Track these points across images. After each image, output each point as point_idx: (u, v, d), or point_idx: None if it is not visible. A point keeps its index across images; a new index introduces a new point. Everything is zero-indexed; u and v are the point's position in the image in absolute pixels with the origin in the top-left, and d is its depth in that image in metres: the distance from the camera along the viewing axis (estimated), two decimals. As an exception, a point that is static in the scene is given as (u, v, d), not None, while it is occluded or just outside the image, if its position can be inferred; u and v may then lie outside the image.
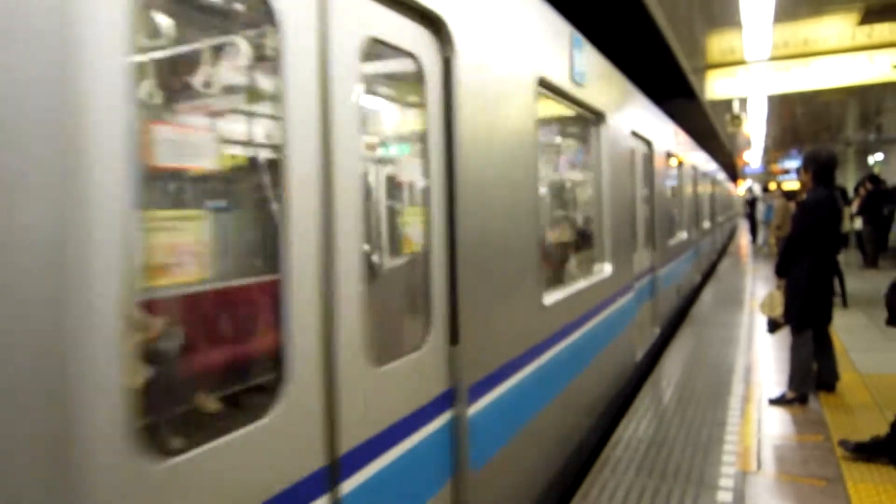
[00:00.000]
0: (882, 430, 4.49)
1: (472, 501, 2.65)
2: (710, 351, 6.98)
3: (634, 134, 6.43)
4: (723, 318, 8.80)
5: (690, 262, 10.67)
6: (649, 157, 7.36)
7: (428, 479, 2.45)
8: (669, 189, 8.91)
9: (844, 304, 8.77)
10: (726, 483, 3.73)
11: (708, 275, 13.66)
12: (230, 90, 2.28)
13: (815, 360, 5.09)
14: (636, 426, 4.71)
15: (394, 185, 3.04)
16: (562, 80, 4.06)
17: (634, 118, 6.43)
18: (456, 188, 2.63)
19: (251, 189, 2.50)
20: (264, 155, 2.40)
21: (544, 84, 3.75)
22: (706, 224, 14.06)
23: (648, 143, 7.25)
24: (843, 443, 4.06)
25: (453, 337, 2.62)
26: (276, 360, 1.76)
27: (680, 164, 9.80)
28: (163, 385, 1.92)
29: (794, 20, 9.08)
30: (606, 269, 5.12)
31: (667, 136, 8.63)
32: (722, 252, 19.50)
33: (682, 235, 9.89)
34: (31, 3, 1.24)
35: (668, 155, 8.63)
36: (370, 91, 2.52)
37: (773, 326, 4.73)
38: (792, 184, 22.75)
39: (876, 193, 12.60)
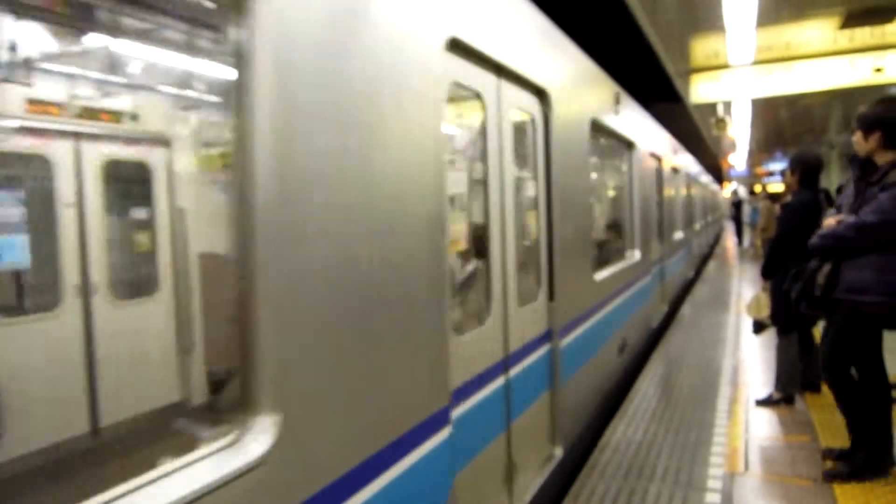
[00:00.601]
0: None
1: (562, 403, 4.01)
2: (698, 352, 7.01)
3: (652, 154, 8.39)
4: (710, 320, 8.86)
5: (687, 256, 13.06)
6: (660, 171, 9.25)
7: (541, 384, 3.80)
8: (671, 194, 10.79)
9: None
10: (714, 484, 3.74)
11: (699, 270, 15.35)
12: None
13: (800, 361, 5.12)
14: (624, 429, 4.72)
15: (523, 196, 3.88)
16: (608, 121, 5.66)
17: (652, 142, 8.41)
18: (552, 198, 3.94)
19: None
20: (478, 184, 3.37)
21: (595, 125, 5.17)
22: (698, 224, 16.56)
23: (659, 160, 9.14)
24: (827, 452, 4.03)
25: (551, 295, 3.95)
26: (487, 300, 3.14)
27: (678, 172, 11.71)
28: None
29: (776, 24, 9.17)
30: (637, 254, 7.18)
31: (672, 152, 10.93)
32: (710, 252, 19.70)
33: (680, 234, 11.99)
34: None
35: (673, 168, 10.92)
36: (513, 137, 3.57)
37: (759, 328, 4.76)
38: (777, 186, 22.98)
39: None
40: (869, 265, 3.52)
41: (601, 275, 5.28)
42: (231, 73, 1.64)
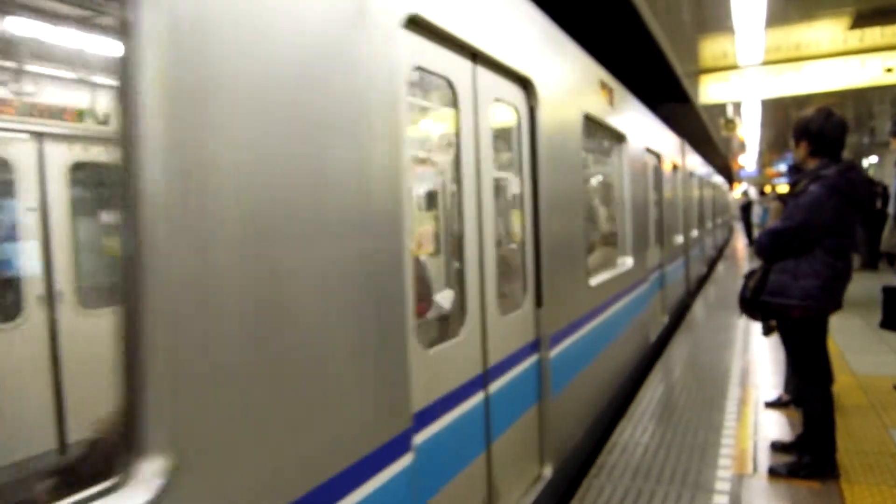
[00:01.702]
0: (876, 431, 4.50)
1: (552, 418, 3.72)
2: (706, 354, 6.99)
3: (648, 150, 7.53)
4: (718, 322, 8.82)
5: (691, 261, 12.16)
6: (658, 169, 8.52)
7: (528, 398, 3.53)
8: (676, 194, 10.07)
9: (839, 306, 8.77)
10: (722, 486, 3.74)
11: (704, 276, 14.51)
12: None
13: None
14: (632, 430, 4.72)
15: (505, 195, 3.75)
16: (599, 114, 5.18)
17: (647, 137, 7.45)
18: (539, 197, 3.62)
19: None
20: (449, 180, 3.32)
21: (588, 118, 4.82)
22: (704, 226, 15.31)
23: (658, 157, 8.44)
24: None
25: (539, 301, 3.64)
26: (461, 308, 2.89)
27: (680, 171, 10.79)
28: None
29: (785, 25, 9.14)
30: (629, 261, 6.38)
31: (673, 149, 9.88)
32: (718, 256, 19.56)
33: (694, 233, 12.07)
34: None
35: (674, 166, 9.97)
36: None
37: (768, 330, 4.73)
38: (785, 187, 22.81)
39: (869, 195, 12.62)
40: (787, 270, 3.68)
41: (598, 279, 4.96)
42: (117, 46, 1.34)
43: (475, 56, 2.94)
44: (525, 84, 3.51)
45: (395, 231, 2.13)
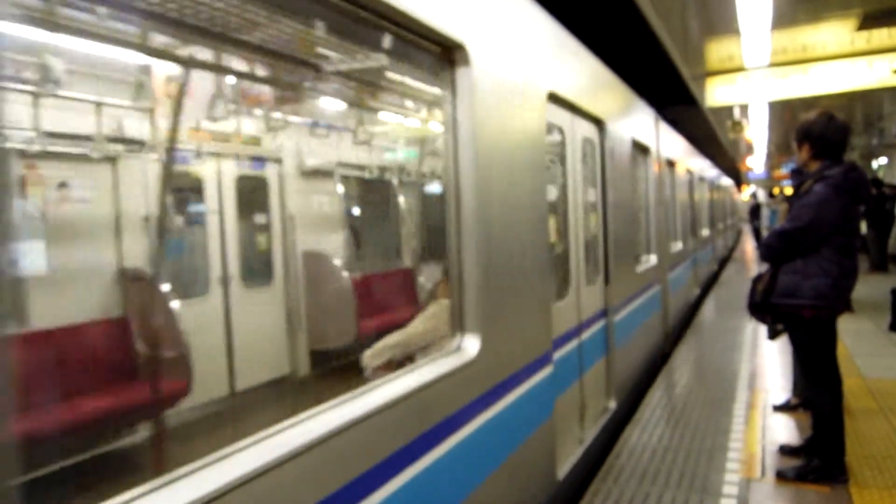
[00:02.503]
0: (886, 434, 4.48)
1: (615, 366, 5.04)
2: (715, 357, 6.97)
3: (636, 143, 7.92)
4: (727, 324, 8.79)
5: (691, 271, 12.12)
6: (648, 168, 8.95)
7: (600, 350, 4.82)
8: (690, 198, 10.99)
9: (850, 308, 8.73)
10: (730, 490, 3.72)
11: (720, 269, 16.02)
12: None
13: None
14: (640, 434, 4.71)
15: (591, 204, 4.86)
16: (646, 141, 6.89)
17: (632, 126, 7.96)
18: (607, 204, 4.99)
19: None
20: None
21: (635, 143, 6.24)
22: (707, 232, 14.77)
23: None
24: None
25: (607, 280, 4.94)
26: (566, 279, 4.21)
27: (677, 170, 10.77)
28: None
29: (792, 26, 9.12)
30: (679, 245, 8.83)
31: (669, 146, 10.14)
32: (729, 254, 19.51)
33: (704, 232, 12.85)
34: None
35: (669, 162, 9.72)
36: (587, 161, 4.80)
37: (774, 333, 4.73)
38: (789, 190, 22.67)
39: (879, 197, 12.57)
40: (796, 270, 3.68)
41: (640, 268, 6.37)
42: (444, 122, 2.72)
43: (573, 109, 4.30)
44: (598, 123, 4.90)
45: (543, 228, 3.54)
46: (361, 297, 7.06)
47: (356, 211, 8.75)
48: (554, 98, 3.75)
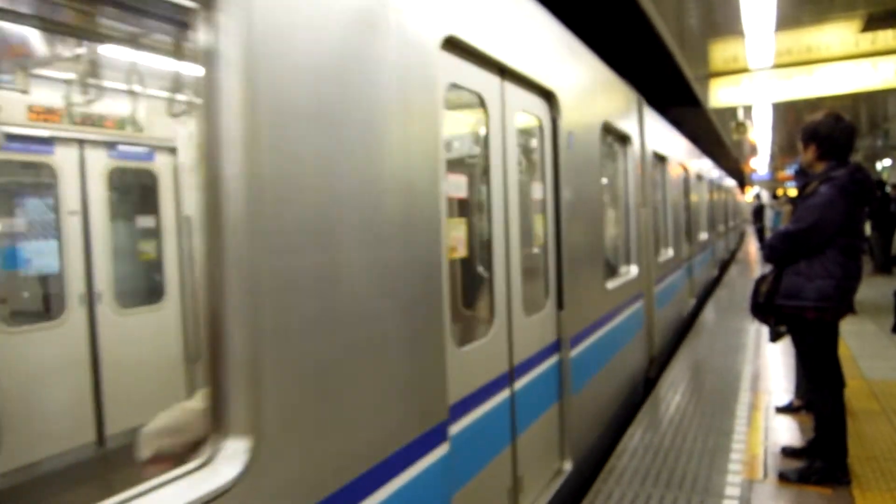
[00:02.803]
0: (889, 436, 4.48)
1: (572, 415, 3.86)
2: (717, 358, 6.96)
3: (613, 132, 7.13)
4: (730, 326, 8.78)
5: (683, 284, 11.59)
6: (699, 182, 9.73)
7: (550, 395, 3.70)
8: (686, 199, 10.48)
9: (853, 310, 8.71)
10: (732, 491, 3.73)
11: (722, 270, 15.79)
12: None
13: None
14: (642, 435, 4.71)
15: (529, 201, 3.72)
16: (625, 128, 5.67)
17: (670, 147, 8.54)
18: (561, 204, 3.78)
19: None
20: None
21: (608, 129, 5.03)
22: (707, 235, 13.89)
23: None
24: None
25: (560, 303, 3.79)
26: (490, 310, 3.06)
27: (669, 166, 10.48)
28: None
29: (796, 28, 9.09)
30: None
31: (687, 155, 10.54)
32: (733, 255, 19.49)
33: (702, 236, 11.77)
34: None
35: (658, 156, 9.03)
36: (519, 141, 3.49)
37: (776, 336, 4.73)
38: (794, 191, 22.65)
39: (883, 199, 12.55)
40: (800, 271, 3.69)
41: (613, 283, 5.08)
42: (199, 71, 1.50)
43: (503, 71, 3.16)
44: (549, 97, 3.76)
45: (434, 236, 2.37)
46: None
47: None
48: (459, 48, 2.65)
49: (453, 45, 2.56)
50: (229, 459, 1.45)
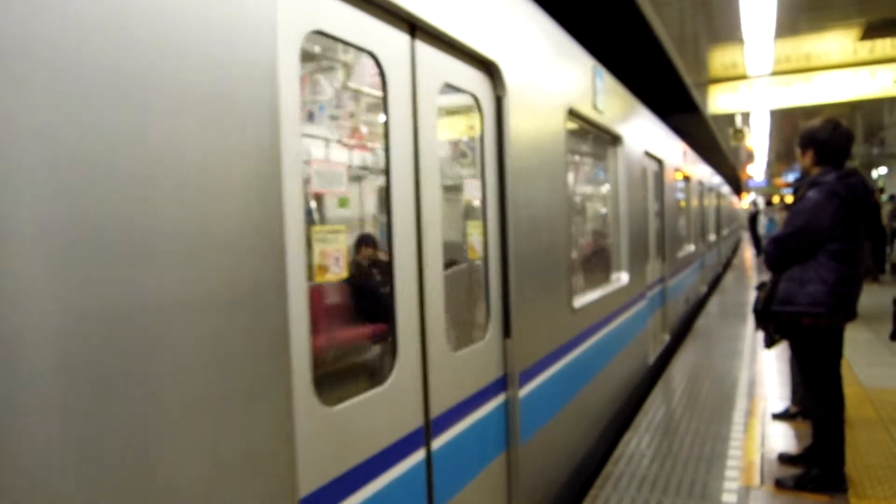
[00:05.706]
0: (885, 444, 4.48)
1: (522, 469, 3.10)
2: (714, 365, 6.97)
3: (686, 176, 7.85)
4: (726, 332, 8.79)
5: (715, 256, 13.26)
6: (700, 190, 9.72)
7: (492, 447, 2.89)
8: (701, 205, 11.23)
9: (853, 317, 8.73)
10: (729, 498, 3.72)
11: (723, 270, 16.62)
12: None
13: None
14: (639, 441, 4.71)
15: (458, 202, 3.12)
16: (610, 124, 5.06)
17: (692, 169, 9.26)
18: (507, 204, 3.01)
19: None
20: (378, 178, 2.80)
21: (578, 116, 4.28)
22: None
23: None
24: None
25: (507, 331, 3.02)
26: (392, 345, 2.26)
27: (704, 186, 11.33)
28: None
29: (795, 35, 9.14)
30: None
31: (683, 159, 10.02)
32: (729, 259, 19.53)
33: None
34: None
35: (700, 183, 9.95)
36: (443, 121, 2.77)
37: (771, 342, 4.76)
38: (790, 198, 22.74)
39: (874, 207, 12.60)
40: (793, 278, 3.69)
41: (582, 300, 4.19)
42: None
43: (413, 28, 2.35)
44: (489, 68, 2.91)
45: (274, 253, 1.61)
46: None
47: None
48: None
49: None
50: None
